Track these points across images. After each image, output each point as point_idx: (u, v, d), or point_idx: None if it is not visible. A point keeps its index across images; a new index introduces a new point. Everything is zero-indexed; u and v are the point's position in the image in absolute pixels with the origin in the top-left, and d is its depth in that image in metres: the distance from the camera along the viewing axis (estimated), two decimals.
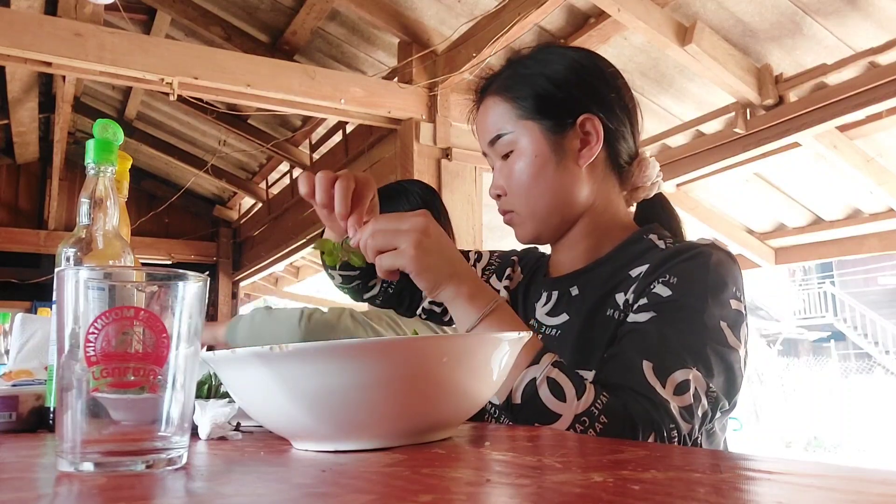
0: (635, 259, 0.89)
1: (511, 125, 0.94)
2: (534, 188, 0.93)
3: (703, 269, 0.83)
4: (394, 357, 0.51)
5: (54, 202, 5.97)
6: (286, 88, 3.00)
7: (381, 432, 0.53)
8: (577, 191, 0.93)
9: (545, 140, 0.92)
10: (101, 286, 0.47)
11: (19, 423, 0.73)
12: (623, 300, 0.85)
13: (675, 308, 0.80)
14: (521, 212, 0.95)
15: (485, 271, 1.13)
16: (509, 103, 0.94)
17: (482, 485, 0.38)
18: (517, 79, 0.95)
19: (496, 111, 0.95)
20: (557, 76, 0.94)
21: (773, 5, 2.65)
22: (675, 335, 0.78)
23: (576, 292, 0.94)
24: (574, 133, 0.93)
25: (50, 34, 2.60)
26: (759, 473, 0.40)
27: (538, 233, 0.96)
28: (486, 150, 0.98)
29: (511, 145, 0.94)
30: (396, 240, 0.74)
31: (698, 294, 0.80)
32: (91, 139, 0.79)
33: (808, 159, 3.44)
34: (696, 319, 0.79)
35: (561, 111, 0.92)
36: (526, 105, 0.93)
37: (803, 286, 17.16)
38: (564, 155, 0.92)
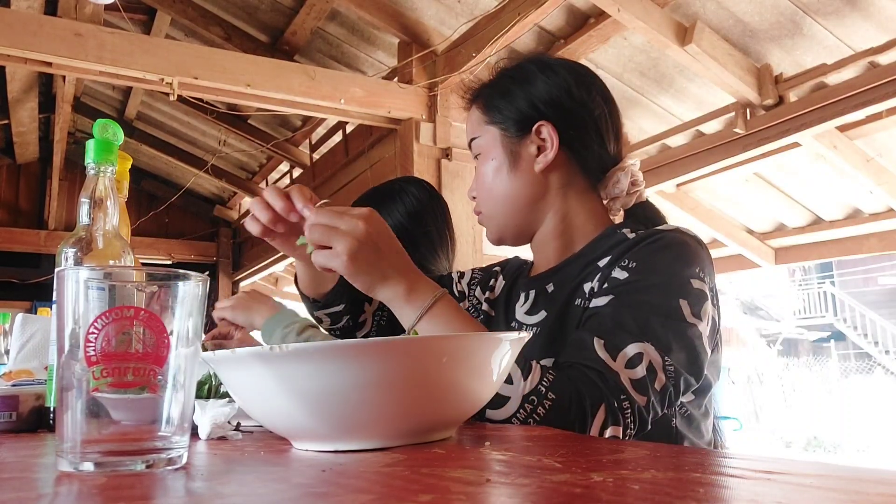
0: (606, 252, 0.91)
1: (480, 129, 1.00)
2: (492, 190, 0.98)
3: (662, 250, 0.85)
4: (394, 357, 0.51)
5: (54, 202, 5.97)
6: (286, 88, 3.00)
7: (381, 432, 0.53)
8: (532, 193, 0.97)
9: (502, 144, 0.97)
10: (101, 286, 0.47)
11: (19, 423, 0.73)
12: (589, 288, 0.88)
13: (631, 289, 0.82)
14: (486, 212, 1.01)
15: (470, 285, 1.16)
16: (480, 111, 1.01)
17: (482, 485, 0.38)
18: (489, 90, 1.01)
19: (472, 116, 1.03)
20: (517, 82, 0.99)
21: (773, 5, 2.65)
22: (629, 314, 0.79)
23: (551, 289, 0.96)
24: (530, 139, 0.96)
25: (50, 34, 2.60)
26: (759, 473, 0.40)
27: (500, 233, 1.01)
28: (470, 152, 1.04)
29: (479, 148, 1.00)
30: (332, 239, 0.75)
31: (656, 274, 0.82)
32: (91, 139, 0.79)
33: (808, 159, 3.44)
34: (652, 298, 0.80)
35: (518, 117, 0.97)
36: (492, 111, 0.99)
37: (803, 286, 17.15)
38: (520, 160, 0.97)
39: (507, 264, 1.16)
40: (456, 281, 1.19)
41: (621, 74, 3.23)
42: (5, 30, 2.52)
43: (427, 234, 1.56)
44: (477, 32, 2.92)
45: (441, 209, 1.64)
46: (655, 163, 3.68)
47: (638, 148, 3.72)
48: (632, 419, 0.75)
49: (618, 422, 0.74)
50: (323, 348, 0.50)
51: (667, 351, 0.77)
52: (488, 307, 1.10)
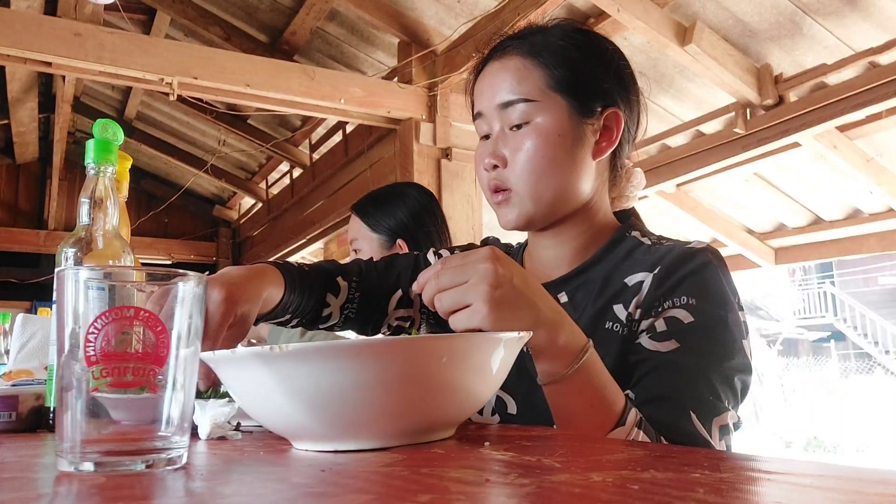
0: (623, 260, 0.86)
1: (537, 93, 0.84)
2: (546, 169, 0.84)
3: (714, 284, 0.79)
4: (393, 357, 0.51)
5: (54, 202, 5.97)
6: (286, 88, 3.00)
7: (381, 432, 0.53)
8: (582, 183, 0.87)
9: (570, 120, 0.85)
10: (101, 286, 0.47)
11: (19, 423, 0.73)
12: (625, 315, 0.81)
13: (699, 335, 0.76)
14: (520, 191, 0.86)
15: None
16: (540, 70, 0.85)
17: (481, 485, 0.38)
18: (551, 47, 0.86)
19: (523, 73, 0.85)
20: (595, 58, 0.88)
21: (773, 5, 2.65)
22: (708, 368, 0.75)
23: (564, 300, 0.88)
24: (596, 123, 0.87)
25: (50, 34, 2.60)
26: (759, 473, 0.40)
27: (531, 218, 0.87)
28: (490, 112, 0.88)
29: (529, 116, 0.84)
30: (465, 297, 0.64)
31: (717, 316, 0.77)
32: (91, 139, 0.79)
33: (808, 159, 3.44)
34: (723, 346, 0.77)
35: (592, 96, 0.86)
36: (559, 77, 0.85)
37: (803, 286, 17.15)
38: (583, 142, 0.86)
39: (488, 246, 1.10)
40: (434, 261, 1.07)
41: None
42: (5, 30, 2.52)
43: (427, 234, 1.63)
44: (477, 32, 2.92)
45: (439, 212, 1.71)
46: (655, 163, 3.68)
47: (638, 148, 3.71)
48: None
49: None
50: (323, 348, 0.50)
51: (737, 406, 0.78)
52: None
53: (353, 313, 0.98)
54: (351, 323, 1.00)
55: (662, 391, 0.74)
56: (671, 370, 0.75)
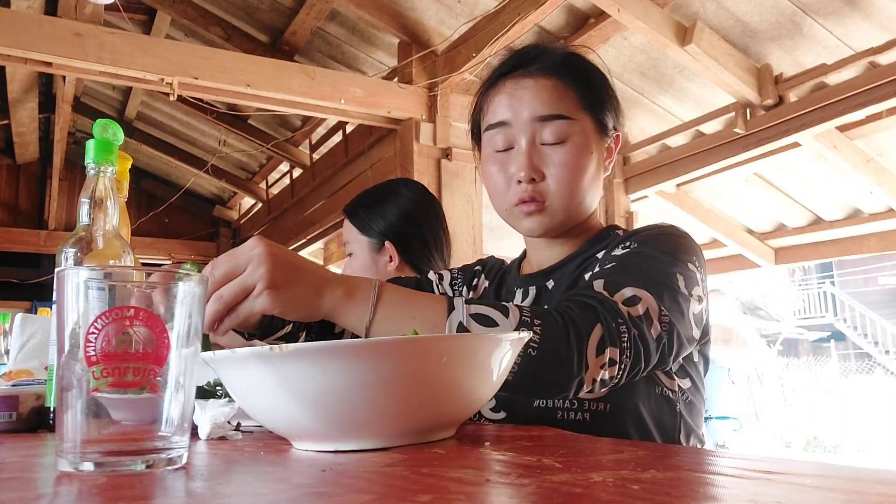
0: (604, 246, 0.95)
1: (575, 112, 0.92)
2: (581, 184, 0.93)
3: (663, 235, 0.89)
4: (394, 357, 0.51)
5: (54, 202, 5.97)
6: (286, 88, 3.00)
7: (381, 432, 0.53)
8: (597, 195, 0.98)
9: (596, 139, 0.95)
10: (101, 286, 0.47)
11: (19, 423, 0.73)
12: (589, 275, 0.89)
13: (632, 254, 0.85)
14: (555, 203, 0.92)
15: (452, 286, 1.12)
16: (574, 90, 0.93)
17: (482, 485, 0.38)
18: (578, 69, 0.95)
19: (560, 92, 0.92)
20: (605, 82, 0.98)
21: (773, 5, 2.65)
22: (630, 269, 0.81)
23: (552, 285, 0.97)
24: (608, 141, 0.97)
25: (50, 34, 2.60)
26: (759, 473, 0.40)
27: (556, 227, 0.95)
28: (522, 124, 0.92)
29: (567, 134, 0.91)
30: (245, 284, 0.66)
31: (657, 250, 0.85)
32: (91, 139, 0.79)
33: (808, 159, 3.44)
34: (652, 262, 0.83)
35: (608, 116, 0.96)
36: (589, 97, 0.94)
37: (803, 286, 17.15)
38: (601, 159, 0.96)
39: (486, 264, 1.14)
40: (436, 283, 1.13)
41: (621, 74, 3.23)
42: (5, 30, 2.52)
43: (420, 236, 1.55)
44: (477, 32, 2.92)
45: (434, 210, 1.62)
46: (655, 163, 3.68)
47: (638, 148, 3.72)
48: (629, 345, 0.72)
49: (615, 343, 0.70)
50: (323, 348, 0.50)
51: (661, 303, 0.77)
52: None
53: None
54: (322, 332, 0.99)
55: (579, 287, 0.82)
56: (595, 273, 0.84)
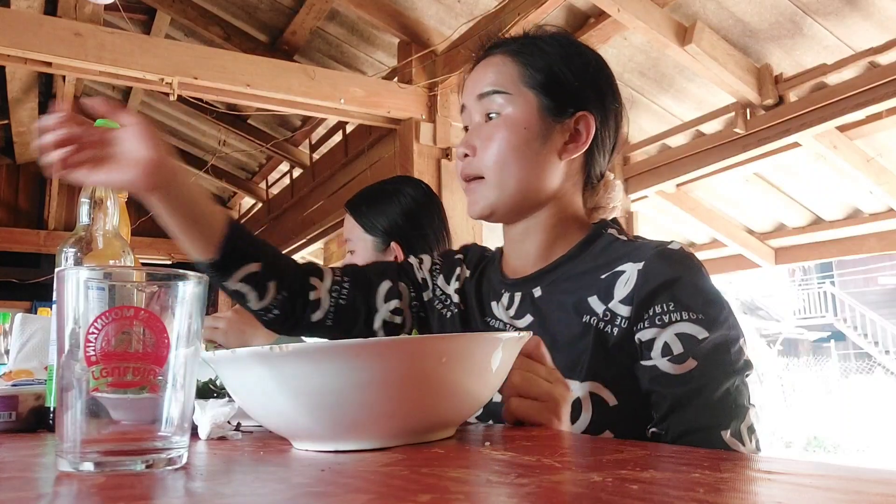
0: (599, 256, 0.89)
1: (513, 87, 0.90)
2: (511, 159, 0.89)
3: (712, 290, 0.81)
4: (393, 357, 0.51)
5: (54, 202, 5.97)
6: (286, 88, 3.00)
7: (381, 432, 0.53)
8: (546, 179, 0.91)
9: (539, 117, 0.90)
10: (101, 286, 0.47)
11: (19, 423, 0.73)
12: (603, 308, 0.83)
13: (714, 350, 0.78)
14: (488, 179, 0.91)
15: (432, 273, 1.08)
16: (519, 66, 0.91)
17: (481, 485, 0.39)
18: (534, 49, 0.92)
19: (501, 69, 0.92)
20: (574, 63, 0.92)
21: (773, 5, 2.65)
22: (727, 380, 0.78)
23: (539, 293, 0.91)
24: (567, 125, 0.91)
25: (50, 34, 2.60)
26: (759, 473, 0.40)
27: (495, 207, 0.91)
28: (470, 104, 0.94)
29: (502, 107, 0.90)
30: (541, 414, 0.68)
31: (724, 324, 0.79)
32: None
33: (808, 159, 3.44)
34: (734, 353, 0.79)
35: (565, 98, 0.91)
36: (535, 76, 0.90)
37: (803, 286, 17.15)
38: (549, 140, 0.90)
39: (467, 251, 1.09)
40: (416, 267, 1.09)
41: (621, 74, 3.23)
42: (5, 30, 2.52)
43: (423, 236, 1.55)
44: (477, 32, 2.92)
45: (437, 208, 1.62)
46: (655, 163, 3.68)
47: (638, 148, 3.72)
48: None
49: None
50: (323, 348, 0.50)
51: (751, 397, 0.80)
52: (459, 299, 1.02)
53: (344, 299, 0.98)
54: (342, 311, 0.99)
55: (692, 423, 0.77)
56: (695, 397, 0.77)
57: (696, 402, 0.78)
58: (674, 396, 0.78)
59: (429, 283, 1.07)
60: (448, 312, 1.03)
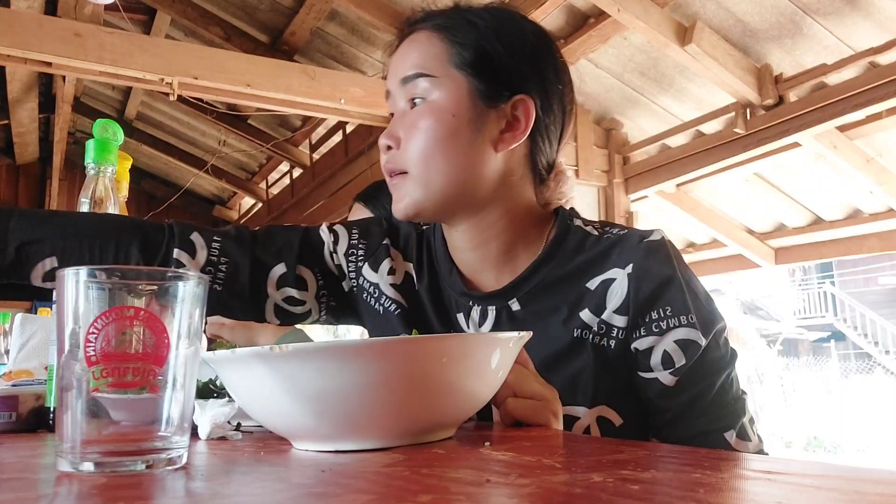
0: (574, 256, 0.81)
1: (439, 69, 0.78)
2: (437, 152, 0.77)
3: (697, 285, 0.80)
4: (394, 357, 0.51)
5: (54, 202, 5.97)
6: (286, 88, 3.00)
7: (381, 432, 0.53)
8: (483, 173, 0.80)
9: (470, 102, 0.78)
10: (101, 286, 0.47)
11: (19, 423, 0.73)
12: (597, 321, 0.78)
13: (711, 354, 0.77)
14: (412, 174, 0.79)
15: (348, 258, 0.92)
16: (445, 44, 0.79)
17: (482, 485, 0.38)
18: (463, 24, 0.80)
19: (426, 48, 0.80)
20: (509, 40, 0.80)
21: (773, 5, 2.65)
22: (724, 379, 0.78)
23: (516, 307, 0.82)
24: (502, 111, 0.80)
25: (50, 34, 2.60)
26: (759, 473, 0.40)
27: (421, 205, 0.80)
28: (394, 89, 0.82)
29: (427, 92, 0.78)
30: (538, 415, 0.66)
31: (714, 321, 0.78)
32: (91, 139, 0.79)
33: (808, 159, 3.44)
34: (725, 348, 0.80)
35: (499, 80, 0.79)
36: (464, 54, 0.78)
37: (803, 286, 17.15)
38: (483, 129, 0.79)
39: (395, 234, 0.93)
40: (329, 248, 0.92)
41: (621, 74, 3.23)
42: (5, 30, 2.52)
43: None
44: None
45: None
46: (655, 163, 3.68)
47: (638, 148, 3.72)
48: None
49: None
50: (323, 348, 0.50)
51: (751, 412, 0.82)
52: (397, 294, 0.89)
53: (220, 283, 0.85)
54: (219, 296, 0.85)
55: (697, 429, 0.77)
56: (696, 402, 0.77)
57: (698, 407, 0.77)
58: (675, 406, 0.78)
59: (346, 271, 0.93)
60: (382, 308, 0.89)
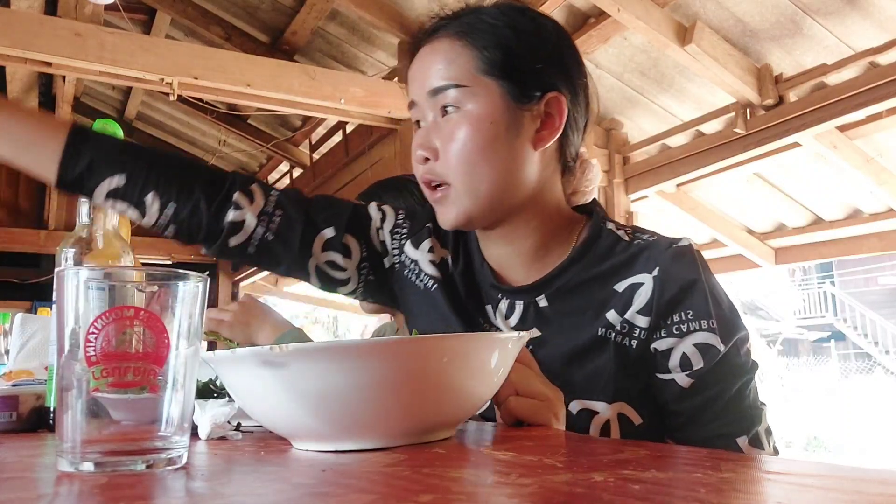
0: (604, 260, 0.82)
1: (468, 78, 0.78)
2: (481, 160, 0.78)
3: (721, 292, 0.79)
4: (394, 357, 0.51)
5: (54, 202, 5.97)
6: (286, 88, 3.00)
7: (382, 432, 0.53)
8: (523, 175, 0.80)
9: (504, 106, 0.78)
10: (101, 286, 0.47)
11: (19, 423, 0.73)
12: (620, 321, 0.78)
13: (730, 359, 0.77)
14: (457, 186, 0.79)
15: (393, 234, 0.95)
16: (470, 51, 0.79)
17: (483, 485, 0.38)
18: (484, 27, 0.80)
19: (451, 57, 0.80)
20: (532, 39, 0.81)
21: (773, 5, 2.65)
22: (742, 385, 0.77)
23: (544, 303, 0.83)
24: (536, 110, 0.80)
25: (50, 34, 2.60)
26: (760, 473, 0.40)
27: (471, 216, 0.80)
28: (421, 100, 0.84)
29: (460, 102, 0.78)
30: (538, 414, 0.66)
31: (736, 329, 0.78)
32: None
33: (808, 159, 3.44)
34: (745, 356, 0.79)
35: (530, 79, 0.79)
36: (491, 59, 0.78)
37: (803, 286, 17.16)
38: (520, 130, 0.79)
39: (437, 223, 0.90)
40: (376, 225, 0.96)
41: (621, 74, 3.23)
42: (5, 30, 2.52)
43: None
44: None
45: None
46: (655, 163, 3.68)
47: (638, 148, 3.72)
48: None
49: None
50: (323, 348, 0.50)
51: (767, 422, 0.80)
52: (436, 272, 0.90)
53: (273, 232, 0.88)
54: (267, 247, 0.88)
55: (710, 432, 0.76)
56: (711, 405, 0.76)
57: (711, 411, 0.76)
58: (690, 408, 0.77)
59: (389, 248, 0.95)
60: (423, 285, 0.91)
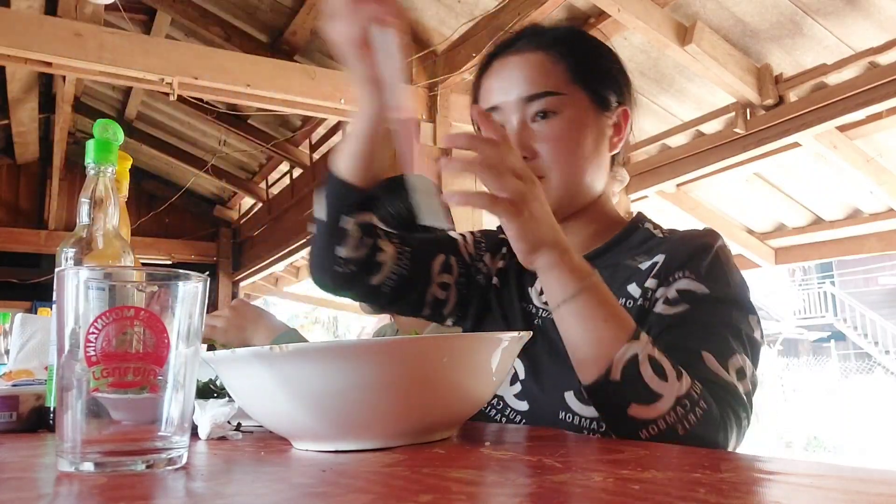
0: (636, 248, 0.89)
1: (563, 87, 0.88)
2: (578, 159, 0.88)
3: (730, 267, 0.82)
4: (394, 357, 0.51)
5: (54, 202, 5.97)
6: (286, 88, 3.00)
7: (381, 432, 0.53)
8: (601, 176, 0.92)
9: (593, 112, 0.90)
10: (101, 286, 0.47)
11: (19, 423, 0.73)
12: (639, 292, 0.82)
13: (711, 301, 0.78)
14: (553, 180, 0.87)
15: (477, 248, 1.06)
16: (563, 63, 0.88)
17: (482, 485, 0.38)
18: (568, 42, 0.91)
19: (544, 67, 0.88)
20: (605, 56, 0.93)
21: (773, 5, 2.65)
22: (721, 325, 0.77)
23: None
24: (612, 118, 0.92)
25: (50, 34, 2.60)
26: (760, 473, 0.40)
27: (558, 206, 0.86)
28: (510, 106, 0.89)
29: (556, 107, 0.87)
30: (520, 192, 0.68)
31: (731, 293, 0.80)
32: (91, 139, 0.79)
33: (808, 159, 3.44)
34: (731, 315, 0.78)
35: (608, 91, 0.91)
36: (580, 70, 0.89)
37: (803, 286, 17.15)
38: (601, 136, 0.91)
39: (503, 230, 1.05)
40: (462, 243, 1.05)
41: None
42: (5, 30, 2.52)
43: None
44: (477, 32, 2.92)
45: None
46: (655, 163, 3.68)
47: (638, 148, 3.72)
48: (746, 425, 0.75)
49: (740, 431, 0.74)
50: (323, 348, 0.50)
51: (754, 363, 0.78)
52: (497, 279, 1.00)
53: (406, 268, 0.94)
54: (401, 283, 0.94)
55: (674, 342, 0.75)
56: (682, 327, 0.77)
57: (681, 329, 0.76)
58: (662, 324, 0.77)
59: (473, 259, 1.04)
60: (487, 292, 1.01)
